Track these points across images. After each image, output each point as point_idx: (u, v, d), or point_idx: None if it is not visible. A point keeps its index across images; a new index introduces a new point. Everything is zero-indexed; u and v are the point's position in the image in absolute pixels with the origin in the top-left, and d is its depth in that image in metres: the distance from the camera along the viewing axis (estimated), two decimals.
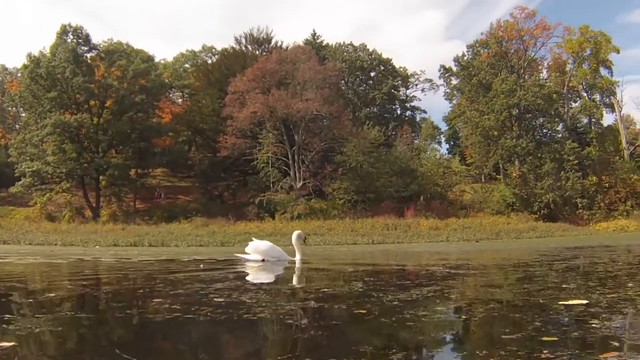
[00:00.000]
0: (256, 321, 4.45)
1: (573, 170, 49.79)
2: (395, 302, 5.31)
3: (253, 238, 14.89)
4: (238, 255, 13.82)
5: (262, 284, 8.65)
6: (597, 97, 58.83)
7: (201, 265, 12.17)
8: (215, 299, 5.61)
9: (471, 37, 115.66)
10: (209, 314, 4.66)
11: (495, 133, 51.47)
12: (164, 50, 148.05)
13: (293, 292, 7.00)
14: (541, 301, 5.23)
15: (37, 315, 4.71)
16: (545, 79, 57.37)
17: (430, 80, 75.31)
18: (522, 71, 54.97)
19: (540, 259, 13.75)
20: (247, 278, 9.33)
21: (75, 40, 49.90)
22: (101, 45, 52.37)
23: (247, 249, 13.62)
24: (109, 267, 13.61)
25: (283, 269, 11.75)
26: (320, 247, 30.12)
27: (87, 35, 50.42)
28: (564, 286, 6.50)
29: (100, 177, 48.91)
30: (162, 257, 18.39)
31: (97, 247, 30.41)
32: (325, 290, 6.83)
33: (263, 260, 13.36)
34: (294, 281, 9.03)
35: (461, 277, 8.87)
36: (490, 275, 9.53)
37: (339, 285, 7.61)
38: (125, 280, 9.00)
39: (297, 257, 13.90)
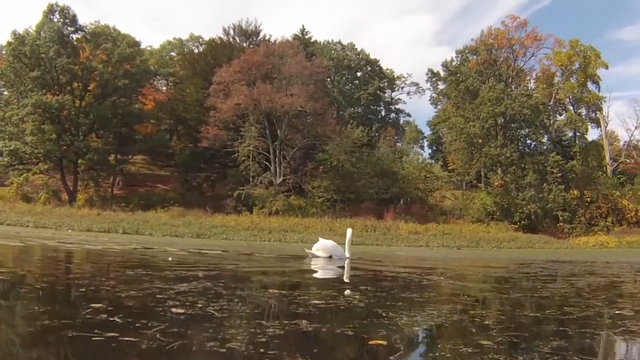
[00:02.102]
0: (224, 356, 3.34)
1: (556, 183, 49.66)
2: (416, 328, 4.85)
3: (320, 238, 16.05)
4: (307, 250, 15.26)
5: (238, 287, 7.45)
6: (583, 111, 58.72)
7: (170, 258, 11.74)
8: (173, 309, 4.71)
9: (460, 44, 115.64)
10: (157, 336, 3.59)
11: (480, 140, 51.20)
12: (151, 37, 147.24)
13: (275, 301, 6.19)
14: None
15: None
16: (533, 90, 57.16)
17: (417, 84, 75.61)
18: (510, 80, 54.91)
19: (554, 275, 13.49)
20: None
21: (61, 20, 48.98)
22: (88, 27, 51.39)
23: (315, 246, 15.04)
24: (66, 255, 13.15)
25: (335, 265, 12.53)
26: (299, 245, 29.76)
27: (74, 16, 49.51)
28: None
29: (79, 161, 48.12)
30: (131, 246, 17.98)
31: (69, 231, 30.12)
32: (317, 302, 5.87)
33: (330, 257, 14.74)
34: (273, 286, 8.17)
35: (465, 289, 8.79)
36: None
37: (333, 297, 6.58)
38: (70, 273, 8.33)
39: (347, 254, 15.38)
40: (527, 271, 14.23)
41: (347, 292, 7.35)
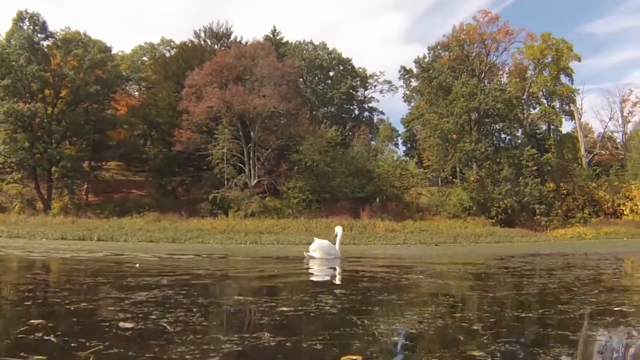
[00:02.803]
0: None
1: (531, 176, 49.88)
2: (396, 338, 4.29)
3: (315, 238, 15.84)
4: (306, 254, 14.89)
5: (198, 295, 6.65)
6: (557, 104, 59.03)
7: (137, 265, 11.58)
8: (121, 323, 4.23)
9: (432, 42, 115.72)
10: (90, 359, 3.13)
11: (454, 136, 51.22)
12: (122, 42, 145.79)
13: (238, 309, 5.63)
14: None
15: None
16: (506, 84, 57.32)
17: (389, 82, 75.84)
18: (482, 75, 54.93)
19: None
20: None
21: (31, 27, 48.50)
22: (58, 34, 50.92)
23: (311, 247, 14.95)
24: (28, 264, 12.91)
25: None
26: (275, 246, 29.83)
27: (44, 23, 49.06)
28: None
29: (53, 169, 47.67)
30: (101, 253, 17.79)
31: (43, 240, 30.00)
32: (286, 310, 5.27)
33: (326, 257, 14.80)
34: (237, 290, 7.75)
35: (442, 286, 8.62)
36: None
37: (304, 302, 6.06)
38: (23, 284, 7.72)
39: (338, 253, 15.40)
40: (508, 266, 13.94)
41: (321, 296, 6.54)
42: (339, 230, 16.32)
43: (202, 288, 7.87)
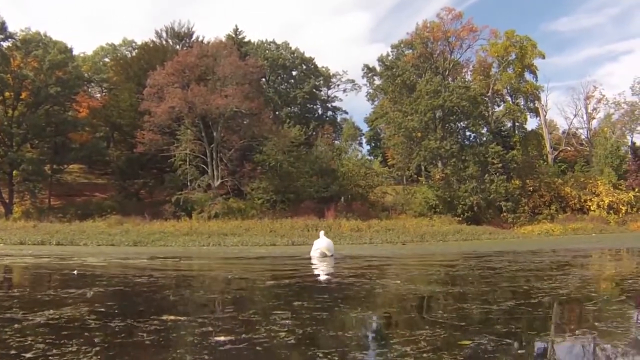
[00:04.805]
0: None
1: (497, 174, 49.70)
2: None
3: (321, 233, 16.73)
4: (313, 254, 15.40)
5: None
6: (521, 101, 59.37)
7: (75, 272, 11.10)
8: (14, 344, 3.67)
9: (396, 41, 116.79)
10: None
11: (419, 134, 51.01)
12: (84, 43, 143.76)
13: (156, 339, 4.09)
14: None
15: None
16: (470, 82, 57.43)
17: (353, 81, 76.37)
18: (446, 73, 55.00)
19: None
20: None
21: None
22: (18, 34, 50.30)
23: (318, 246, 15.58)
24: None
25: None
26: (237, 247, 29.60)
27: (3, 23, 48.38)
28: None
29: (14, 172, 47.04)
30: (48, 258, 17.37)
31: (0, 245, 29.57)
32: (224, 340, 4.01)
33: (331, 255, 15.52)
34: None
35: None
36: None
37: (251, 325, 4.70)
38: None
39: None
40: (492, 266, 12.46)
41: (275, 313, 5.20)
42: (321, 233, 16.86)
43: (128, 303, 6.63)
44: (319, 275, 11.12)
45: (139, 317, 5.09)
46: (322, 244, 15.67)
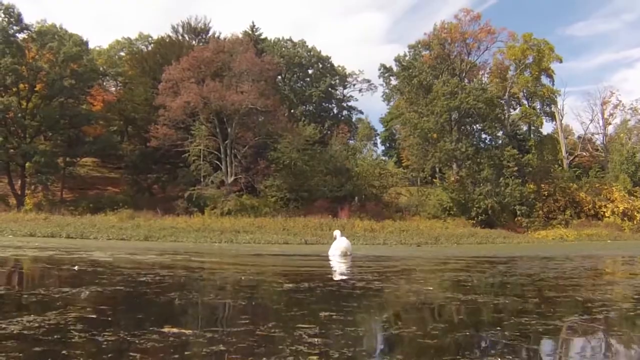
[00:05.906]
0: None
1: (512, 177, 49.21)
2: None
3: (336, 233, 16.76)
4: (331, 254, 15.60)
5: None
6: (538, 105, 58.96)
7: (75, 267, 10.70)
8: None
9: (411, 42, 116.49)
10: None
11: (434, 135, 50.71)
12: (100, 37, 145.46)
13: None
14: None
15: None
16: (487, 84, 56.98)
17: (369, 81, 75.90)
18: (463, 74, 54.57)
19: None
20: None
21: (6, 19, 47.74)
22: (34, 26, 50.17)
23: (338, 245, 15.83)
24: None
25: None
26: (250, 245, 29.12)
27: (19, 15, 48.33)
28: None
29: (27, 164, 46.93)
30: (53, 251, 16.96)
31: (10, 236, 29.23)
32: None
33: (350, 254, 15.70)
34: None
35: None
36: None
37: (255, 348, 3.82)
38: None
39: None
40: (524, 272, 11.47)
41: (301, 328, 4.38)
42: (337, 233, 16.74)
43: (126, 308, 5.86)
44: (340, 278, 10.17)
45: (134, 329, 4.24)
46: (342, 243, 15.80)
